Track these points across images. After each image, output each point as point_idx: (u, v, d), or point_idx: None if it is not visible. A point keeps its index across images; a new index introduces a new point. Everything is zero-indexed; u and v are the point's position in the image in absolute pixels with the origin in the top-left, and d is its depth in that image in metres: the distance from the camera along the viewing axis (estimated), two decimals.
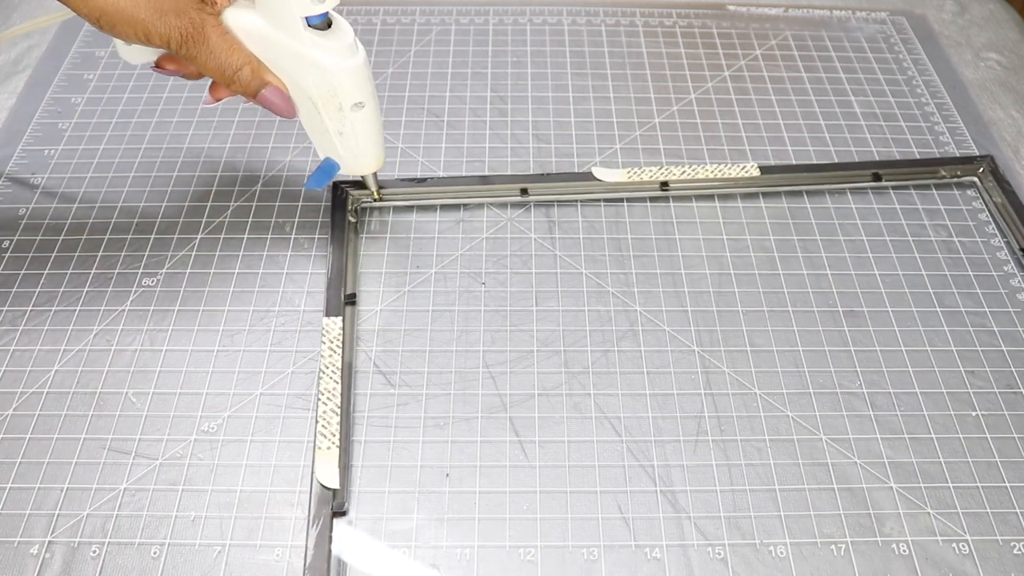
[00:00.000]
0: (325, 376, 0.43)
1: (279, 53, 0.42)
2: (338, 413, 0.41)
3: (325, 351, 0.44)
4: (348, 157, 0.46)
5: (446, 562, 0.38)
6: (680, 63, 0.65)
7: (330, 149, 0.46)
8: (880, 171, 0.56)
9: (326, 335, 0.44)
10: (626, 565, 0.38)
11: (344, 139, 0.45)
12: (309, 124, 0.45)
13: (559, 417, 0.43)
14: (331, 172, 0.47)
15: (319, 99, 0.43)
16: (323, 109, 0.43)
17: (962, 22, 0.70)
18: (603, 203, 0.54)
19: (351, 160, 0.46)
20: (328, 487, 0.39)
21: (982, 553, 0.39)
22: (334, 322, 0.44)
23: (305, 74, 0.42)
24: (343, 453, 0.41)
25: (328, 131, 0.44)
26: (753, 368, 0.46)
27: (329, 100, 0.43)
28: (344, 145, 0.45)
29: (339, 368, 0.43)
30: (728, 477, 0.41)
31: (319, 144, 0.46)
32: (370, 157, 0.47)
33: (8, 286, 0.48)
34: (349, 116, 0.44)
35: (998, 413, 0.44)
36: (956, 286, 0.50)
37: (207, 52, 0.41)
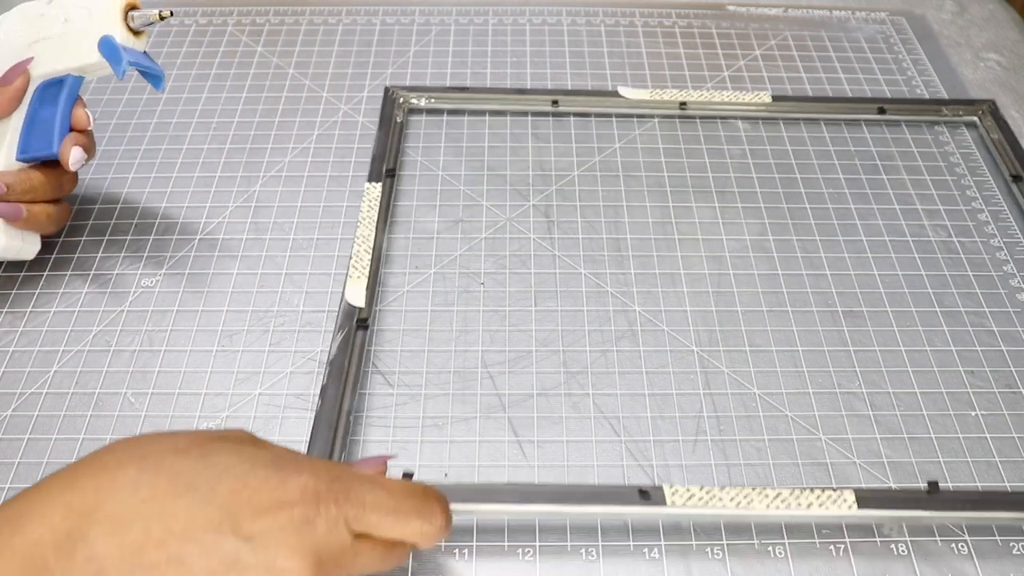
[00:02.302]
0: (362, 226, 0.50)
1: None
2: (370, 253, 0.49)
3: (364, 207, 0.51)
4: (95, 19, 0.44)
5: (445, 562, 0.38)
6: (680, 63, 0.65)
7: (84, 38, 0.44)
8: (886, 105, 0.60)
9: (367, 196, 0.52)
10: (625, 565, 0.38)
11: (71, 17, 0.44)
12: (55, 55, 0.44)
13: (558, 417, 0.43)
14: (112, 45, 0.43)
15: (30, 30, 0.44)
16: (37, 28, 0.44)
17: (962, 22, 0.70)
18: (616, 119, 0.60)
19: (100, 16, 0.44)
20: (354, 305, 0.46)
21: (981, 553, 0.39)
22: (375, 187, 0.53)
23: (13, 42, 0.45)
24: (370, 282, 0.48)
25: (63, 34, 0.44)
26: (752, 368, 0.46)
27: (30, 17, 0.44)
28: (80, 16, 0.44)
29: (374, 222, 0.51)
30: (727, 477, 0.41)
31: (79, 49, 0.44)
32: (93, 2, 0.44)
33: (8, 287, 0.49)
34: (50, 6, 0.44)
35: (997, 413, 0.44)
36: (955, 286, 0.50)
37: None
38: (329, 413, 0.42)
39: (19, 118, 0.45)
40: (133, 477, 0.30)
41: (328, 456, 0.40)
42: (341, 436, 0.41)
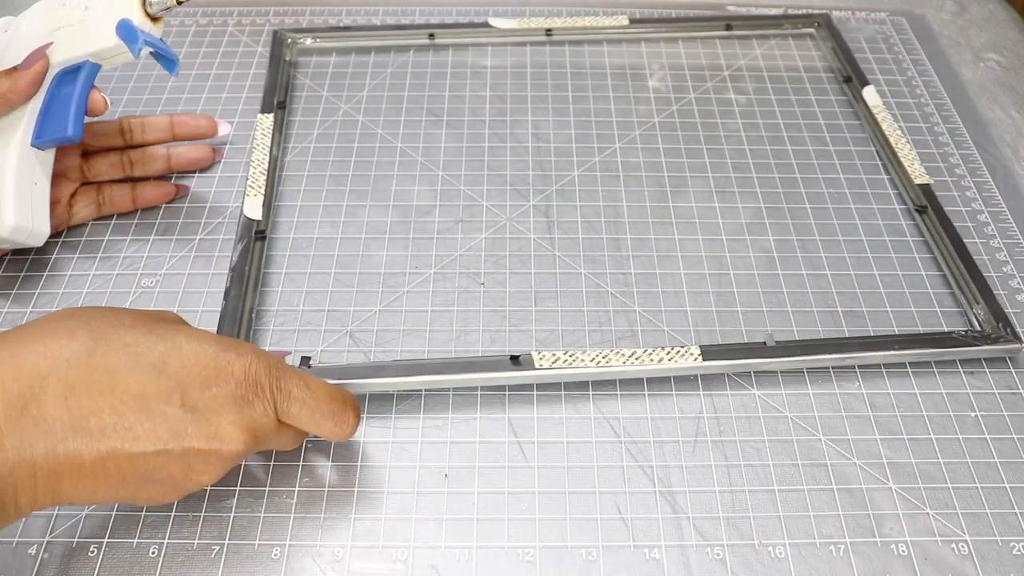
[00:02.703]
0: (257, 151, 0.55)
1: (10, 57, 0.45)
2: (265, 175, 0.53)
3: (259, 135, 0.56)
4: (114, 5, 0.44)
5: (445, 563, 0.38)
6: (680, 63, 0.65)
7: (103, 25, 0.44)
8: (731, 22, 0.67)
9: (260, 126, 0.56)
10: (625, 566, 0.38)
11: (91, 4, 0.44)
12: (73, 42, 0.44)
13: (558, 418, 0.43)
14: (130, 27, 0.44)
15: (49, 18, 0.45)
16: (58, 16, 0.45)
17: (962, 22, 0.70)
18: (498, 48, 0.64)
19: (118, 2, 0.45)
20: (252, 218, 0.51)
21: (981, 553, 0.39)
22: (267, 117, 0.57)
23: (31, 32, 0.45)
24: (266, 199, 0.52)
25: (83, 21, 0.44)
26: (752, 368, 0.46)
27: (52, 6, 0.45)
28: (100, 3, 0.44)
29: (267, 148, 0.55)
30: (727, 478, 0.41)
31: (99, 34, 0.44)
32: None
33: (8, 288, 0.48)
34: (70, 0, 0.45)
35: (997, 414, 0.44)
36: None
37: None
38: (233, 311, 0.46)
39: (36, 104, 0.45)
40: (87, 345, 0.32)
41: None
42: (244, 333, 0.46)
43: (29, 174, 0.46)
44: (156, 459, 0.32)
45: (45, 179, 0.47)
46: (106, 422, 0.31)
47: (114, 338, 0.33)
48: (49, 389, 0.31)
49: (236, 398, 0.34)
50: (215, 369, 0.34)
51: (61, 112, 0.45)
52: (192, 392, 0.33)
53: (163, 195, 0.53)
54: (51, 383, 0.31)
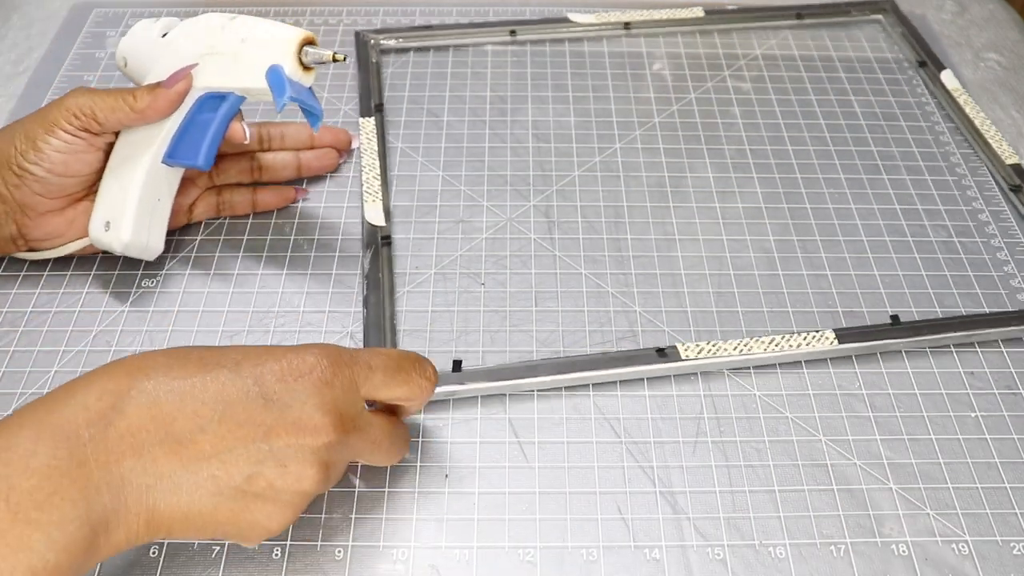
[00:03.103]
0: (366, 155, 0.55)
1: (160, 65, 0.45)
2: (379, 179, 0.54)
3: (364, 140, 0.56)
4: (270, 48, 0.43)
5: (445, 563, 0.38)
6: (680, 63, 0.65)
7: (255, 64, 0.43)
8: (802, 11, 0.69)
9: (363, 129, 0.57)
10: (625, 566, 0.38)
11: (249, 41, 0.43)
12: (222, 72, 0.44)
13: (558, 418, 0.43)
14: (279, 76, 0.43)
15: (204, 41, 0.44)
16: (214, 41, 0.44)
17: (962, 22, 0.70)
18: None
19: (276, 46, 0.43)
20: (375, 224, 0.51)
21: (982, 554, 0.39)
22: (368, 121, 0.58)
23: (183, 44, 0.44)
24: (384, 203, 0.53)
25: (235, 52, 0.43)
26: (752, 369, 0.46)
27: (211, 32, 0.44)
28: (256, 42, 0.43)
29: (376, 151, 0.56)
30: (727, 478, 0.41)
31: (248, 73, 0.43)
32: (281, 28, 0.43)
33: (8, 287, 0.48)
34: (231, 25, 0.44)
35: (997, 414, 0.44)
36: (955, 286, 0.50)
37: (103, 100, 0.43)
38: (376, 319, 0.46)
39: (175, 122, 0.44)
40: (164, 363, 0.32)
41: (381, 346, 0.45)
42: (390, 339, 0.46)
43: (154, 190, 0.45)
44: (246, 460, 0.32)
45: (169, 196, 0.47)
46: (191, 425, 0.31)
47: (191, 356, 0.33)
48: (131, 400, 0.31)
49: (315, 383, 0.33)
50: (288, 361, 0.33)
51: (196, 138, 0.44)
52: (269, 385, 0.33)
53: (283, 200, 0.52)
54: (133, 395, 0.31)
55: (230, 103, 0.44)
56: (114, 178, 0.45)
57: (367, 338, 0.46)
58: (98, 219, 0.45)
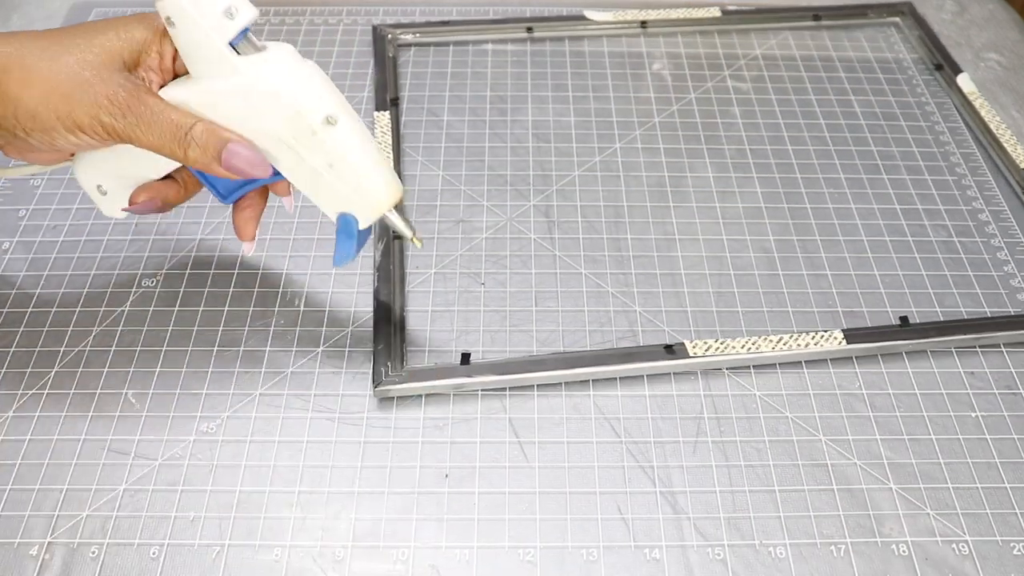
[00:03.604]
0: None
1: (227, 105, 0.37)
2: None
3: (379, 134, 0.57)
4: (355, 197, 0.39)
5: (446, 563, 0.38)
6: (680, 63, 0.65)
7: (335, 199, 0.39)
8: (819, 13, 0.69)
9: (378, 123, 0.57)
10: (625, 566, 0.38)
11: (339, 172, 0.38)
12: (298, 178, 0.39)
13: (558, 418, 0.43)
14: (351, 231, 0.40)
15: (287, 132, 0.37)
16: (297, 144, 0.37)
17: (962, 22, 0.70)
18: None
19: (361, 200, 0.39)
20: None
21: (982, 554, 0.39)
22: (383, 115, 0.58)
23: (261, 107, 0.37)
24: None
25: (319, 172, 0.38)
26: (752, 369, 0.46)
27: (297, 126, 0.37)
28: (343, 181, 0.38)
29: (390, 145, 0.56)
30: (728, 478, 0.41)
31: (322, 201, 0.40)
32: (379, 186, 0.39)
33: (8, 287, 0.48)
34: (327, 138, 0.37)
35: (997, 414, 0.44)
36: (956, 287, 0.50)
37: (148, 117, 0.36)
38: (386, 310, 0.47)
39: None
40: None
41: (388, 346, 0.45)
42: (398, 331, 0.46)
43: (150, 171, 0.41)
44: None
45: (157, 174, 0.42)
46: None
47: None
48: None
49: None
50: None
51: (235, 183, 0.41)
52: None
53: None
54: None
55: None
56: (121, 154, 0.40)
57: (376, 331, 0.46)
58: (93, 178, 0.42)
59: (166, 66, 0.38)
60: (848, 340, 0.46)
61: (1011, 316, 0.48)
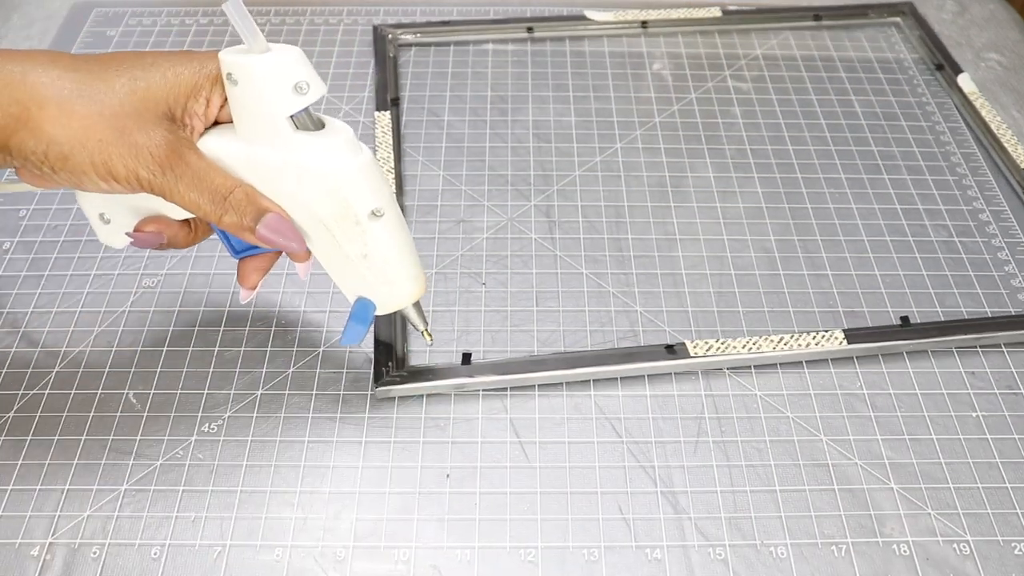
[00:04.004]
0: (380, 149, 0.56)
1: (272, 175, 0.36)
2: (392, 172, 0.55)
3: (379, 133, 0.57)
4: (381, 287, 0.39)
5: (447, 563, 0.38)
6: (680, 62, 0.65)
7: (358, 284, 0.39)
8: (820, 12, 0.69)
9: (379, 123, 0.58)
10: (627, 566, 0.38)
11: (371, 263, 0.38)
12: (327, 257, 0.38)
13: (560, 418, 0.43)
14: (366, 316, 0.39)
15: (330, 216, 0.36)
16: (337, 229, 0.37)
17: (962, 22, 0.70)
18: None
19: (385, 291, 0.39)
20: None
21: (983, 554, 0.39)
22: (384, 115, 0.58)
23: (309, 187, 0.36)
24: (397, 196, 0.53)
25: (350, 258, 0.38)
26: (753, 369, 0.46)
27: (342, 214, 0.36)
28: (373, 272, 0.38)
29: (391, 145, 0.56)
30: (729, 478, 0.41)
31: (344, 282, 0.39)
32: (406, 281, 0.39)
33: (9, 288, 0.48)
34: (369, 229, 0.37)
35: (998, 414, 0.44)
36: (956, 286, 0.50)
37: (189, 176, 0.34)
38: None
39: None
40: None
41: (391, 340, 0.45)
42: (399, 322, 0.46)
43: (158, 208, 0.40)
44: None
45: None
46: None
47: None
48: None
49: None
50: None
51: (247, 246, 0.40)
52: None
53: None
54: None
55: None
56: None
57: (377, 330, 0.45)
58: (96, 207, 0.40)
59: (211, 113, 0.36)
60: (849, 340, 0.46)
61: (1012, 316, 0.48)
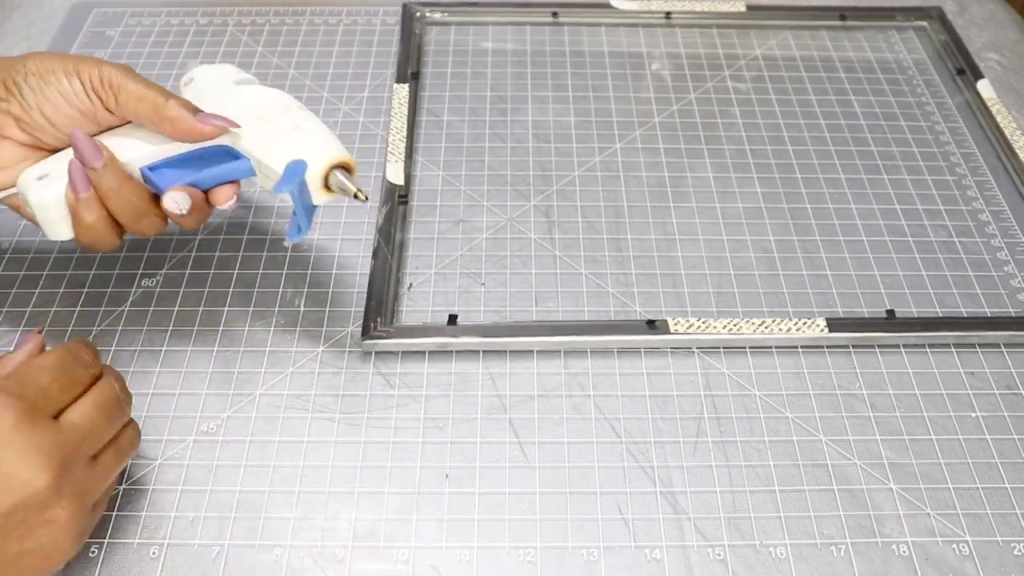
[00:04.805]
0: (395, 119, 0.57)
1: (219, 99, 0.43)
2: (404, 142, 0.56)
3: (396, 104, 0.58)
4: (312, 146, 0.41)
5: (446, 563, 0.38)
6: (680, 63, 0.65)
7: (290, 150, 0.41)
8: (846, 12, 0.68)
9: (396, 95, 0.59)
10: (626, 566, 0.38)
11: (303, 128, 0.41)
12: (257, 140, 0.41)
13: (559, 418, 0.43)
14: (298, 170, 0.40)
15: (268, 109, 0.42)
16: (273, 115, 0.42)
17: (962, 22, 0.70)
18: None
19: (315, 147, 0.41)
20: (395, 183, 0.53)
21: (982, 554, 0.39)
22: (402, 87, 0.60)
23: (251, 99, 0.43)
24: (406, 165, 0.55)
25: (284, 131, 0.41)
26: (752, 369, 0.46)
27: (278, 105, 0.42)
28: (306, 133, 0.41)
29: (406, 116, 0.58)
30: (728, 478, 0.41)
31: (278, 154, 0.41)
32: (331, 138, 0.42)
33: (8, 287, 0.48)
34: (299, 111, 0.42)
35: (998, 414, 0.44)
36: (956, 287, 0.50)
37: (142, 80, 0.40)
38: (382, 271, 0.49)
39: (177, 148, 0.41)
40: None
41: (383, 299, 0.47)
42: (394, 293, 0.48)
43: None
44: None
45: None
46: None
47: None
48: None
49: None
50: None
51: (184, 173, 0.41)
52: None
53: None
54: None
55: (239, 165, 0.41)
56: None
57: (371, 287, 0.47)
58: (37, 169, 0.40)
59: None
60: (831, 328, 0.46)
61: (1002, 317, 0.48)
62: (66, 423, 0.34)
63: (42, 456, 0.32)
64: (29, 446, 0.32)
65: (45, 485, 0.32)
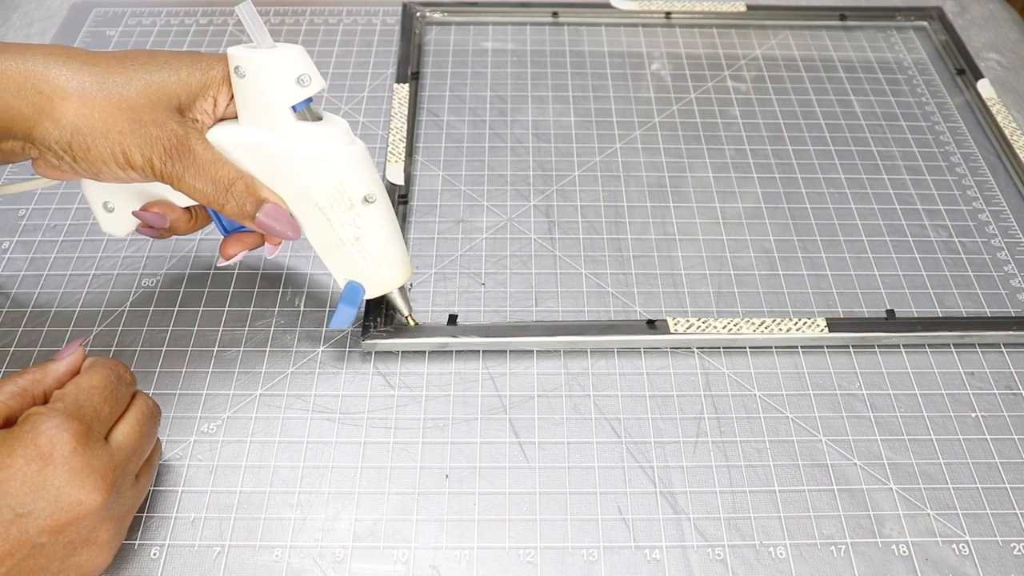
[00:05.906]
0: (395, 119, 0.57)
1: (274, 161, 0.39)
2: (404, 142, 0.56)
3: (396, 104, 0.58)
4: (370, 271, 0.42)
5: (446, 563, 0.38)
6: (680, 63, 0.65)
7: (349, 268, 0.42)
8: (846, 12, 0.68)
9: (396, 95, 0.59)
10: (626, 566, 0.38)
11: (362, 246, 0.41)
12: (321, 241, 0.41)
13: (559, 419, 0.43)
14: (355, 299, 0.42)
15: (326, 200, 0.39)
16: (332, 212, 0.40)
17: (962, 22, 0.70)
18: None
19: (374, 274, 0.42)
20: (395, 183, 0.53)
21: (982, 554, 0.39)
22: (402, 87, 0.60)
23: (306, 172, 0.39)
24: (406, 164, 0.55)
25: (343, 241, 0.41)
26: (752, 369, 0.46)
27: (337, 198, 0.39)
28: (364, 255, 0.41)
29: (406, 116, 0.58)
30: (728, 478, 0.41)
31: (336, 266, 0.42)
32: (394, 264, 0.42)
33: (8, 287, 0.48)
34: (362, 213, 0.40)
35: (998, 414, 0.44)
36: (956, 287, 0.50)
37: (195, 168, 0.37)
38: None
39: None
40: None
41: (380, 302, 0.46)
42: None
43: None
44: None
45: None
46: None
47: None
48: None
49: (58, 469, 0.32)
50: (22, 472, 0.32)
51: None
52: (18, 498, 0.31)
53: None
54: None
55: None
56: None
57: None
58: (100, 196, 0.42)
59: (217, 111, 0.39)
60: (831, 328, 0.46)
61: (1000, 317, 0.48)
62: (115, 444, 0.35)
63: (97, 478, 0.33)
64: (87, 469, 0.33)
65: (97, 506, 0.33)
